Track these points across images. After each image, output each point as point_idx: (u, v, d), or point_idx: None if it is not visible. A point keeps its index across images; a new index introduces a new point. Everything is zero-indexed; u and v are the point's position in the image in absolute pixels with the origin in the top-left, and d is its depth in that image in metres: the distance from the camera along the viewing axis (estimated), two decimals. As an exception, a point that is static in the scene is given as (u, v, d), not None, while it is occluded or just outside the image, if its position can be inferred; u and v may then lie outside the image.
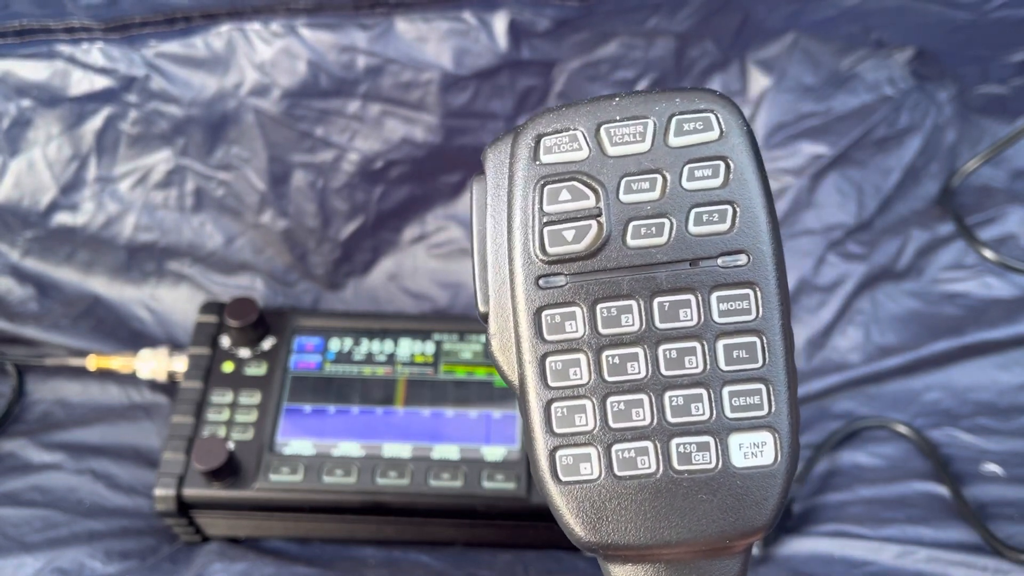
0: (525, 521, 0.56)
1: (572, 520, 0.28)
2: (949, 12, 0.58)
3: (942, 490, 0.59)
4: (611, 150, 0.28)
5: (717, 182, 0.27)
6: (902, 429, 0.63)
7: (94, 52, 0.58)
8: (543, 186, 0.28)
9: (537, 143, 0.28)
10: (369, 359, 0.61)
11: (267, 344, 0.61)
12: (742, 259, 0.27)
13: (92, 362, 0.63)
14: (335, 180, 0.66)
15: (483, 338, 0.61)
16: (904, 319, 0.67)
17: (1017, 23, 0.58)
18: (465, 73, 0.60)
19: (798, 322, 0.68)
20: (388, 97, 0.62)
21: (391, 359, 0.61)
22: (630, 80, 0.63)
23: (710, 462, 0.27)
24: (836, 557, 0.56)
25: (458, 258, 0.71)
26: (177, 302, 0.70)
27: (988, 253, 0.66)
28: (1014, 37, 0.60)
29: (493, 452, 0.57)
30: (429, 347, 0.61)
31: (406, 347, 0.61)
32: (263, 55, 0.59)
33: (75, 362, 0.65)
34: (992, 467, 0.60)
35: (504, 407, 0.59)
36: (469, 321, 0.63)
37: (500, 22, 0.59)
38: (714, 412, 0.27)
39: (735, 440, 0.27)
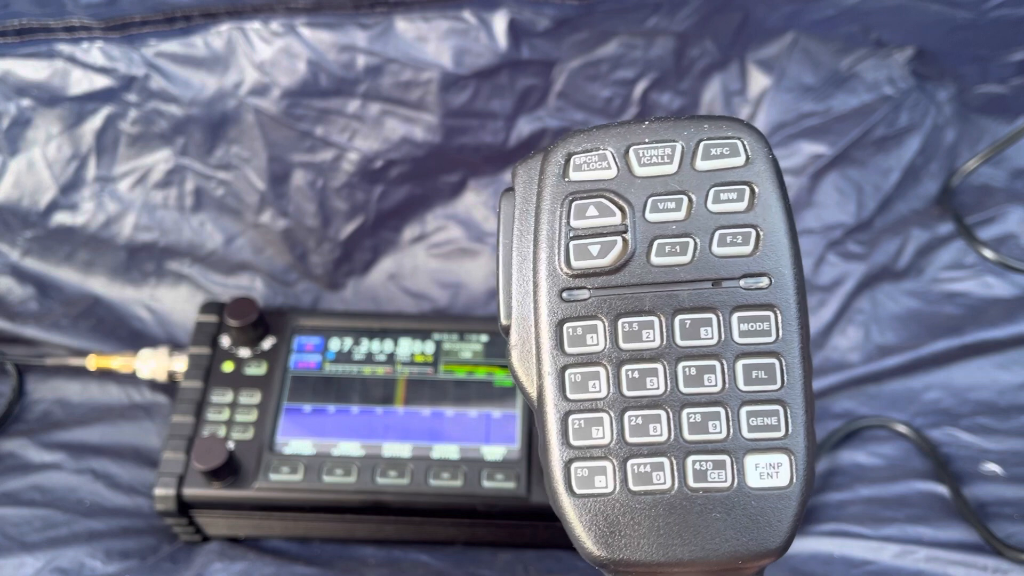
0: (525, 521, 0.56)
1: (584, 534, 0.28)
2: (948, 11, 0.58)
3: (942, 490, 0.59)
4: (639, 170, 0.28)
5: (742, 206, 0.28)
6: (902, 429, 0.63)
7: (94, 51, 0.58)
8: (571, 202, 0.28)
9: (567, 161, 0.29)
10: (369, 359, 0.61)
11: (267, 344, 0.61)
12: (764, 282, 0.28)
13: (92, 362, 0.63)
14: (335, 180, 0.66)
15: (483, 337, 0.61)
16: (904, 319, 0.67)
17: (1016, 22, 0.58)
18: (465, 72, 0.60)
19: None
20: (388, 96, 0.62)
21: (391, 359, 0.61)
22: (630, 80, 0.63)
23: (725, 481, 0.27)
24: (836, 556, 0.56)
25: (458, 258, 0.71)
26: (177, 302, 0.70)
27: (988, 253, 0.66)
28: (1014, 36, 0.60)
29: (493, 452, 0.57)
30: (429, 347, 0.61)
31: (406, 347, 0.61)
32: (263, 54, 0.59)
33: (75, 362, 0.65)
34: (992, 466, 0.60)
35: (504, 407, 0.59)
36: (469, 321, 0.63)
37: (500, 21, 0.59)
38: (731, 431, 0.27)
39: (751, 460, 0.27)
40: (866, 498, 0.59)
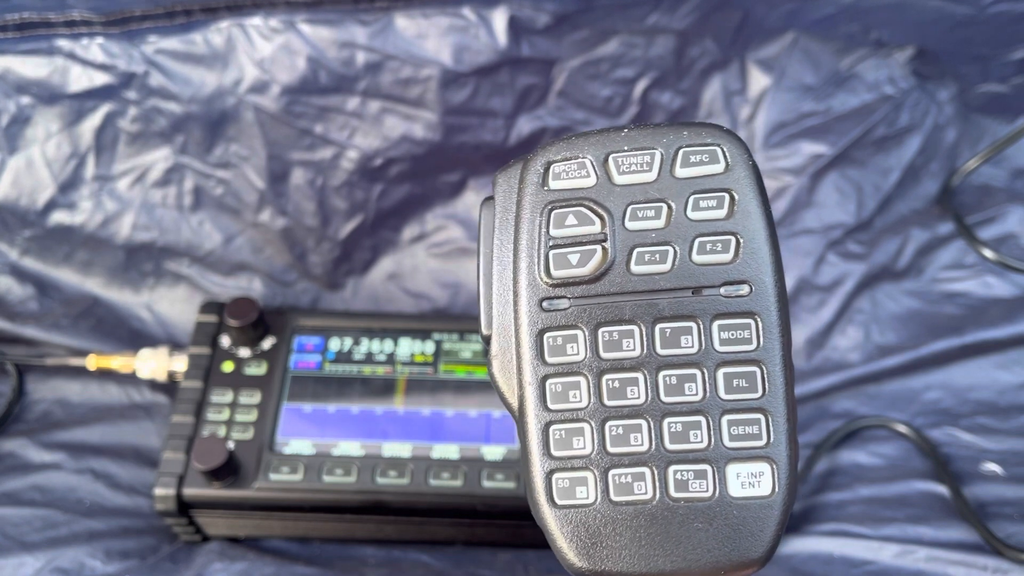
0: (525, 520, 0.56)
1: (565, 545, 0.27)
2: (948, 8, 0.58)
3: (942, 489, 0.59)
4: (618, 179, 0.28)
5: (721, 213, 0.28)
6: (902, 428, 0.63)
7: (93, 48, 0.58)
8: (550, 211, 0.28)
9: (546, 170, 0.29)
10: (369, 359, 0.61)
11: (267, 344, 0.61)
12: (744, 289, 0.28)
13: (92, 362, 0.63)
14: (334, 178, 0.66)
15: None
16: (904, 318, 0.67)
17: (1016, 18, 0.58)
18: (465, 70, 0.60)
19: (798, 322, 0.68)
20: (387, 94, 0.62)
21: (391, 359, 0.61)
22: (630, 79, 0.63)
23: (707, 490, 0.27)
24: (836, 556, 0.56)
25: (458, 257, 0.71)
26: (176, 302, 0.69)
27: (988, 252, 0.66)
28: (1014, 35, 0.60)
29: (493, 451, 0.57)
30: (429, 346, 0.61)
31: (406, 347, 0.61)
32: (263, 51, 0.59)
33: (75, 362, 0.64)
34: (992, 466, 0.60)
35: (504, 406, 0.58)
36: (469, 321, 0.63)
37: (500, 18, 0.59)
38: (712, 440, 0.27)
39: (733, 469, 0.27)
40: (866, 498, 0.59)
